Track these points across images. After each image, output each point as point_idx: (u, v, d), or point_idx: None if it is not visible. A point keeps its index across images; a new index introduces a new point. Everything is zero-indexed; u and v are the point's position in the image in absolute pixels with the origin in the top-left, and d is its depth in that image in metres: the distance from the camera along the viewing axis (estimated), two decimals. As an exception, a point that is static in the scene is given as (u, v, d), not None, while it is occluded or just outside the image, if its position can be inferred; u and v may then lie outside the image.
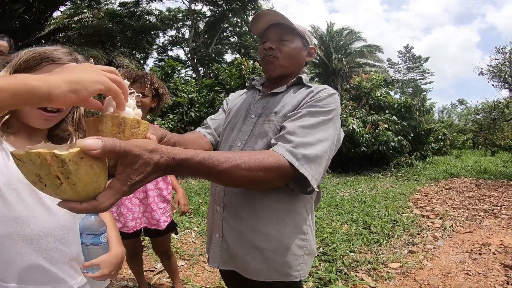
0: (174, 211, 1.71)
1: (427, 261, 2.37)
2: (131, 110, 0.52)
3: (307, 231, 0.95)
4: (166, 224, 1.56)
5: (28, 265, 0.72)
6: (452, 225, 3.32)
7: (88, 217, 0.74)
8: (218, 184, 0.95)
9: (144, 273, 2.05)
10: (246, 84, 1.01)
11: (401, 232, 2.98)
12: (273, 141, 0.84)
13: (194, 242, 2.69)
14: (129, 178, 0.48)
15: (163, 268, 2.10)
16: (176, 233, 1.71)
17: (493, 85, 8.16)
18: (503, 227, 3.40)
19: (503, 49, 8.45)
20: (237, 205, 0.94)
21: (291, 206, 0.91)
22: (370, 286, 1.96)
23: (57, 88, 0.40)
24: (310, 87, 0.98)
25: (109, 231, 0.83)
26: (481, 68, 8.28)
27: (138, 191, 1.43)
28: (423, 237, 2.91)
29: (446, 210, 4.00)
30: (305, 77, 1.02)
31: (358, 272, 2.14)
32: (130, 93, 0.54)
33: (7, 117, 0.70)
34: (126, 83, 0.51)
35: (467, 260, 2.43)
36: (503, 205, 4.50)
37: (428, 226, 3.28)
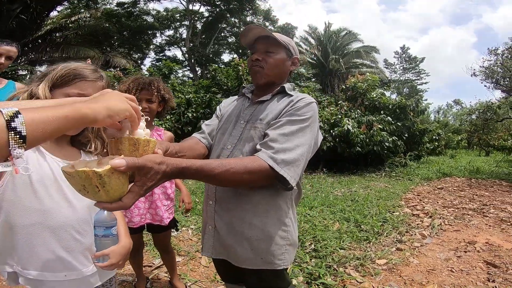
0: (179, 209, 1.82)
1: (413, 258, 2.46)
2: (142, 131, 0.69)
3: (288, 223, 1.08)
4: (168, 220, 1.67)
5: (48, 253, 0.83)
6: (440, 224, 3.43)
7: (102, 212, 0.85)
8: (212, 183, 1.06)
9: (143, 268, 2.14)
10: (243, 85, 1.15)
11: (390, 230, 3.09)
12: (258, 146, 0.98)
13: (191, 239, 2.77)
14: (144, 184, 0.67)
15: (161, 263, 2.19)
16: (177, 230, 1.80)
17: (485, 86, 8.28)
18: (489, 226, 3.50)
19: (496, 50, 8.59)
20: (227, 200, 1.08)
21: (273, 201, 1.05)
22: (357, 281, 2.05)
23: (100, 114, 0.55)
24: (291, 96, 1.11)
25: (118, 225, 0.94)
26: (474, 69, 8.42)
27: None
28: (411, 235, 3.01)
29: (436, 209, 4.11)
30: (288, 86, 1.14)
31: (346, 268, 2.24)
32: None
33: None
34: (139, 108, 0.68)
35: (452, 257, 2.53)
36: (492, 204, 4.61)
37: (417, 224, 3.38)
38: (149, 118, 0.96)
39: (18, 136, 0.42)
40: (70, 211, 0.87)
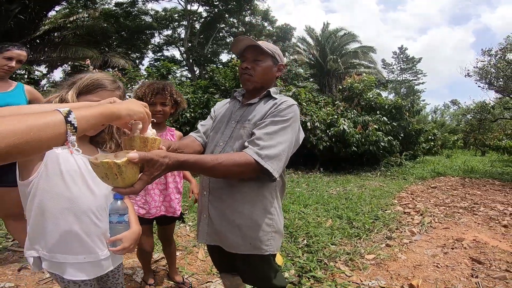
0: (189, 199, 1.95)
1: (401, 254, 2.56)
2: (150, 131, 0.87)
3: (273, 212, 1.22)
4: (179, 212, 1.82)
5: (71, 236, 0.97)
6: (430, 221, 3.53)
7: (116, 201, 0.98)
8: (206, 175, 1.20)
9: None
10: (234, 89, 1.33)
11: (381, 227, 3.19)
12: (246, 144, 1.12)
13: (188, 235, 2.87)
14: (151, 173, 0.84)
15: (159, 257, 2.28)
16: (183, 221, 1.91)
17: (479, 86, 8.40)
18: (478, 223, 3.59)
19: (489, 51, 8.71)
20: (220, 190, 1.22)
21: (259, 191, 1.19)
22: (346, 275, 2.15)
23: (123, 112, 0.74)
24: (276, 99, 1.24)
25: (129, 214, 1.06)
26: (468, 70, 8.54)
27: (159, 183, 1.72)
28: (401, 232, 3.11)
29: (428, 207, 4.21)
30: (273, 90, 1.28)
31: (336, 263, 2.33)
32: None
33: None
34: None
35: (439, 253, 2.61)
36: (483, 203, 4.71)
37: (408, 222, 3.48)
38: (155, 120, 1.09)
39: (72, 127, 0.57)
40: (92, 198, 1.02)
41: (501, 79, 8.07)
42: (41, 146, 0.54)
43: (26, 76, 11.47)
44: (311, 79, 21.42)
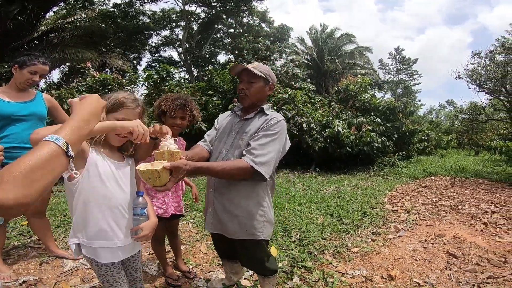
0: (194, 201, 2.27)
1: (384, 248, 2.78)
2: (173, 145, 1.23)
3: (265, 205, 1.54)
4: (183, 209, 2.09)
5: (106, 226, 1.20)
6: (416, 219, 3.76)
7: (138, 197, 1.26)
8: (213, 177, 1.54)
9: (150, 256, 2.47)
10: (234, 104, 1.64)
11: (368, 224, 3.42)
12: (244, 152, 1.44)
13: (191, 231, 3.11)
14: (177, 176, 1.22)
15: (167, 251, 2.50)
16: (183, 216, 2.22)
17: (469, 88, 8.66)
18: (460, 221, 3.78)
19: (479, 54, 8.97)
20: (222, 187, 1.54)
21: (253, 188, 1.51)
22: (333, 265, 2.37)
23: (117, 127, 1.11)
24: (267, 115, 1.54)
25: (148, 208, 1.32)
26: (459, 72, 8.80)
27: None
28: (387, 228, 3.34)
29: (415, 206, 4.45)
30: (266, 107, 1.58)
31: (325, 255, 2.56)
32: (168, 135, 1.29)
33: (103, 138, 1.24)
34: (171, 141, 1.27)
35: (419, 248, 2.82)
36: (468, 201, 4.91)
37: (394, 219, 3.71)
38: (171, 135, 1.34)
39: (72, 158, 0.69)
40: (122, 195, 1.25)
41: (490, 82, 8.34)
42: (55, 179, 0.67)
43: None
44: (308, 80, 21.64)
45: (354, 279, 2.18)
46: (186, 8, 21.87)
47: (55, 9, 15.64)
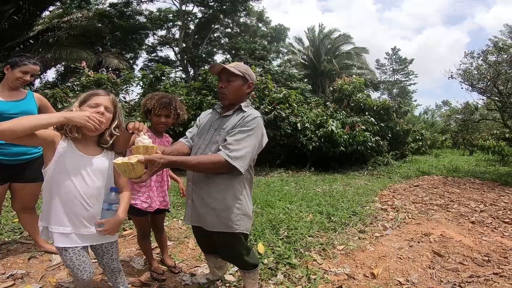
0: (181, 196, 2.31)
1: (370, 246, 2.81)
2: (147, 141, 1.31)
3: (242, 199, 1.57)
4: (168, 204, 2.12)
5: (62, 215, 1.33)
6: (404, 217, 3.79)
7: (110, 193, 1.35)
8: (190, 170, 1.58)
9: (137, 251, 2.50)
10: (215, 102, 1.73)
11: (357, 222, 3.46)
12: (220, 147, 1.48)
13: (180, 228, 3.14)
14: (152, 169, 1.29)
15: (153, 246, 2.52)
16: (168, 211, 2.23)
17: (462, 88, 8.72)
18: (449, 220, 3.80)
19: (472, 54, 9.03)
20: (200, 181, 1.59)
21: (229, 182, 1.55)
22: (317, 262, 2.40)
23: (64, 120, 1.24)
24: (245, 112, 1.58)
25: (121, 204, 1.41)
26: (452, 72, 8.85)
27: (156, 181, 2.01)
28: (375, 226, 3.38)
29: (405, 205, 4.49)
30: (244, 104, 1.62)
31: (311, 252, 2.59)
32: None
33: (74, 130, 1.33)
34: (148, 140, 1.34)
35: (405, 246, 2.84)
36: (458, 200, 4.95)
37: (383, 217, 3.75)
38: (150, 133, 1.44)
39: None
40: (85, 188, 1.34)
41: (482, 81, 8.41)
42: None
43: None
44: (305, 80, 21.70)
45: (337, 277, 2.21)
46: (183, 7, 21.86)
47: (51, 8, 15.59)
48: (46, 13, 14.78)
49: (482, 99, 9.80)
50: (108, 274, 1.54)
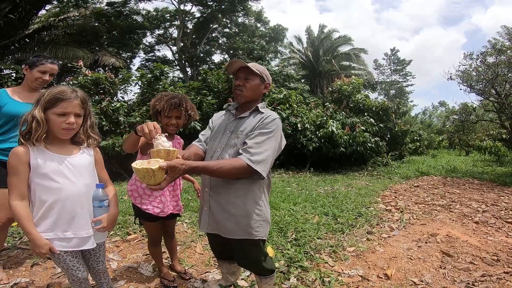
0: (196, 197, 2.23)
1: (379, 247, 2.81)
2: (167, 144, 1.25)
3: (261, 205, 1.52)
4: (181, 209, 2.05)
5: (59, 218, 1.29)
6: (409, 218, 3.80)
7: (98, 190, 1.30)
8: (211, 176, 1.50)
9: (145, 257, 2.44)
10: (229, 103, 1.66)
11: (363, 223, 3.45)
12: (240, 151, 1.42)
13: (186, 232, 3.09)
14: (173, 176, 1.22)
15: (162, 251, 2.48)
16: (180, 216, 2.20)
17: (461, 89, 8.79)
18: (453, 220, 3.83)
19: (471, 55, 9.11)
20: (218, 186, 1.52)
21: (250, 187, 1.49)
22: (329, 264, 2.39)
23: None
24: (262, 113, 1.53)
25: (111, 200, 1.39)
26: (451, 73, 8.93)
27: (169, 186, 1.93)
28: (381, 227, 3.38)
29: (408, 205, 4.50)
30: (261, 105, 1.57)
31: (321, 254, 2.57)
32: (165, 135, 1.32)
33: (44, 135, 1.26)
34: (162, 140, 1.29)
35: (413, 247, 2.85)
36: (460, 201, 4.99)
37: (388, 218, 3.75)
38: (166, 134, 1.36)
39: None
40: (73, 186, 1.30)
41: (480, 83, 8.48)
42: None
43: (14, 76, 11.39)
44: (303, 80, 21.73)
45: (351, 279, 2.20)
46: (181, 7, 21.75)
47: (48, 7, 15.42)
48: (43, 11, 14.59)
49: (480, 100, 9.90)
50: (93, 275, 1.54)
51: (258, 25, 25.39)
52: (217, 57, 25.26)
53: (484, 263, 2.54)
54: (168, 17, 22.49)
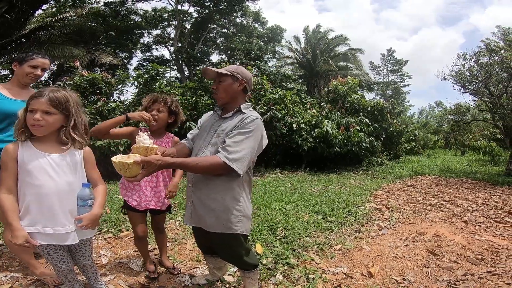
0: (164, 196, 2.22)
1: (366, 245, 2.85)
2: (148, 141, 1.37)
3: (241, 200, 1.59)
4: (166, 206, 2.13)
5: (38, 213, 1.36)
6: (399, 217, 3.85)
7: (84, 189, 1.37)
8: (189, 172, 1.58)
9: (136, 253, 2.50)
10: (216, 105, 1.79)
11: (353, 222, 3.50)
12: (219, 149, 1.50)
13: (178, 229, 3.14)
14: (148, 170, 1.33)
15: (151, 248, 2.54)
16: (170, 212, 2.24)
17: (454, 89, 8.85)
18: (442, 219, 3.86)
19: (464, 55, 9.17)
20: (200, 183, 1.60)
21: (229, 184, 1.56)
22: (315, 262, 2.44)
23: None
24: (244, 113, 1.60)
25: (97, 200, 1.45)
26: (444, 73, 8.98)
27: (150, 181, 2.01)
28: (370, 226, 3.43)
29: (399, 204, 4.55)
30: (244, 106, 1.63)
31: (308, 252, 2.62)
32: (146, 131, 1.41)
33: (22, 129, 1.35)
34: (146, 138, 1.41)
35: (400, 246, 2.89)
36: (451, 200, 5.02)
37: (378, 217, 3.80)
38: (149, 133, 1.49)
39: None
40: (53, 183, 1.37)
41: (474, 83, 8.55)
42: None
43: (10, 76, 11.38)
44: (300, 80, 21.78)
45: (335, 276, 2.24)
46: (179, 7, 21.75)
47: (44, 7, 15.37)
48: (39, 11, 14.56)
49: (474, 100, 9.98)
50: (80, 269, 1.62)
51: (256, 25, 25.44)
52: (215, 57, 25.27)
53: (468, 262, 2.57)
54: (166, 17, 22.50)
